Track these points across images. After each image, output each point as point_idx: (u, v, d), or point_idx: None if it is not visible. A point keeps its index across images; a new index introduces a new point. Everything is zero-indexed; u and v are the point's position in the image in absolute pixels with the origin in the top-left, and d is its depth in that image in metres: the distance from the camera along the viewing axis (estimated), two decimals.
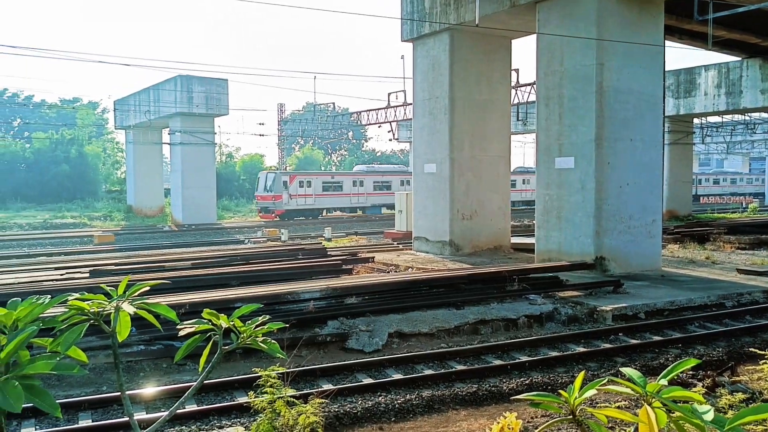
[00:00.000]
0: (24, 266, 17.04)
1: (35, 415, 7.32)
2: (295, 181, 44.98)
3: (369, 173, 50.14)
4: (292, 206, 44.16)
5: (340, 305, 11.83)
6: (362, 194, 48.48)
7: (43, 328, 2.38)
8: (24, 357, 2.19)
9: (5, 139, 67.84)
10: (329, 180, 47.81)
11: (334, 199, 47.19)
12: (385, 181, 50.08)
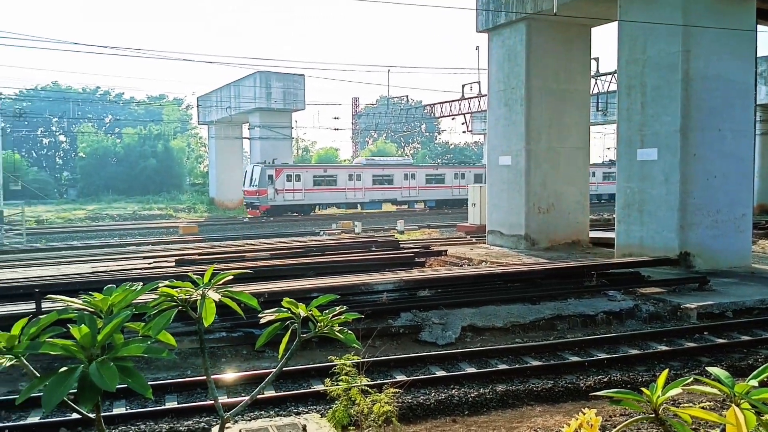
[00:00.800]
0: (116, 255, 18.05)
1: (126, 396, 7.76)
2: (282, 175, 42.29)
3: (367, 166, 47.19)
4: (279, 202, 41.69)
5: (413, 297, 11.87)
6: (359, 189, 45.35)
7: (136, 313, 2.53)
8: (118, 340, 2.33)
9: (98, 134, 71.84)
10: (321, 174, 44.87)
11: (327, 194, 44.33)
12: (386, 175, 46.95)
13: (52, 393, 2.02)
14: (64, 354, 2.21)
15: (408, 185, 47.13)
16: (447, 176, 49.12)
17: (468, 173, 49.72)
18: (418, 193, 48.04)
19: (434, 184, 48.44)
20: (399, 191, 46.88)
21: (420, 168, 50.09)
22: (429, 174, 48.98)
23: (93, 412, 2.45)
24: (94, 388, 2.11)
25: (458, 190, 48.53)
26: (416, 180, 47.74)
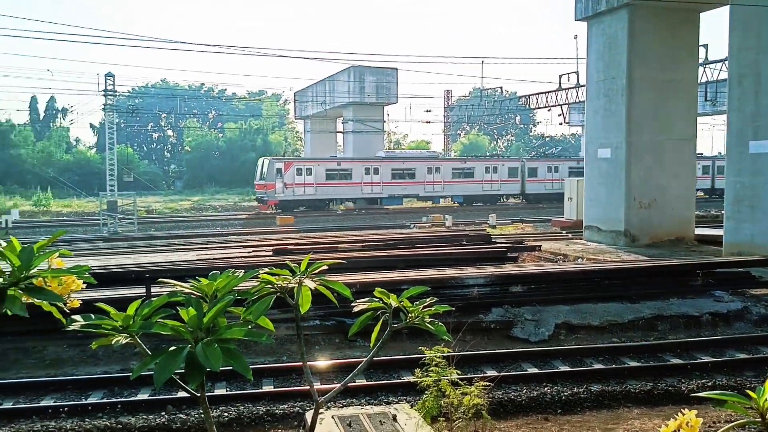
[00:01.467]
0: (218, 244, 18.96)
1: (226, 378, 8.16)
2: (292, 168, 40.19)
3: (387, 159, 43.96)
4: (288, 196, 39.67)
5: (505, 293, 11.70)
6: (377, 183, 42.41)
7: (237, 298, 2.66)
8: (222, 323, 2.46)
9: (202, 129, 75.56)
10: (335, 167, 42.17)
11: (341, 188, 41.77)
12: (407, 168, 43.80)
13: (162, 370, 2.17)
14: (173, 334, 2.36)
15: (432, 179, 44.12)
16: (477, 170, 45.69)
17: (501, 167, 46.44)
18: (443, 188, 44.68)
19: (462, 179, 45.12)
20: (422, 186, 44.00)
21: (446, 161, 47.22)
22: (456, 167, 45.86)
23: (198, 391, 2.61)
24: (199, 368, 2.24)
25: (489, 185, 45.70)
26: (441, 174, 44.54)
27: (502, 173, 46.01)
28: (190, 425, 6.89)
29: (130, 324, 2.39)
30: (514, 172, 46.35)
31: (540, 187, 47.00)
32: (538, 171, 47.11)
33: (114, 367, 8.97)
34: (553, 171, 47.09)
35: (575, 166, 47.49)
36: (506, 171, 46.17)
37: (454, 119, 65.40)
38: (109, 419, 7.00)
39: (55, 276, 2.16)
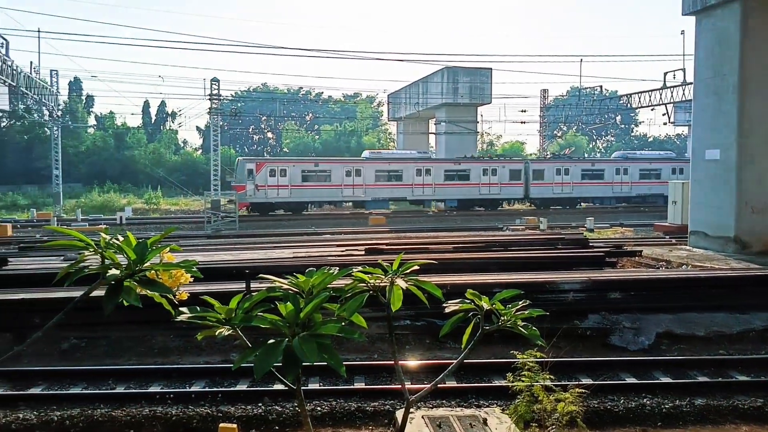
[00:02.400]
0: (313, 242, 19.46)
1: (319, 374, 8.37)
2: (264, 169, 38.31)
3: (371, 160, 41.46)
4: (260, 198, 38.01)
5: (603, 299, 11.29)
6: (359, 186, 40.11)
7: (332, 295, 2.74)
8: (317, 319, 2.55)
9: (299, 131, 77.87)
10: (311, 169, 40.19)
11: (318, 190, 39.74)
12: (393, 170, 41.28)
13: (262, 362, 2.28)
14: (272, 328, 2.47)
15: (421, 182, 41.42)
16: (473, 172, 42.61)
17: (501, 169, 43.09)
18: (434, 191, 41.96)
19: (456, 182, 42.18)
20: (410, 189, 41.35)
21: (437, 162, 43.85)
22: (449, 169, 42.55)
23: (294, 384, 2.71)
24: (296, 361, 2.34)
25: (488, 189, 42.54)
26: (432, 176, 41.73)
27: (503, 176, 42.92)
28: (285, 417, 7.13)
29: (232, 317, 2.52)
30: (517, 175, 43.13)
31: (547, 191, 43.90)
32: (545, 173, 43.80)
33: (215, 358, 9.44)
34: (563, 173, 43.88)
35: (589, 168, 44.79)
36: (507, 173, 43.10)
37: (550, 119, 63.73)
38: (210, 407, 7.37)
39: (166, 269, 2.32)
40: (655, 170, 45.22)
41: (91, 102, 74.09)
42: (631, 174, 44.57)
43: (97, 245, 2.26)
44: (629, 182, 44.56)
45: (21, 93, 38.17)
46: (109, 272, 2.25)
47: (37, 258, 15.51)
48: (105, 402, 7.55)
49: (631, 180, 44.53)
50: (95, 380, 8.46)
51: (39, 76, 40.21)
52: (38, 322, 9.83)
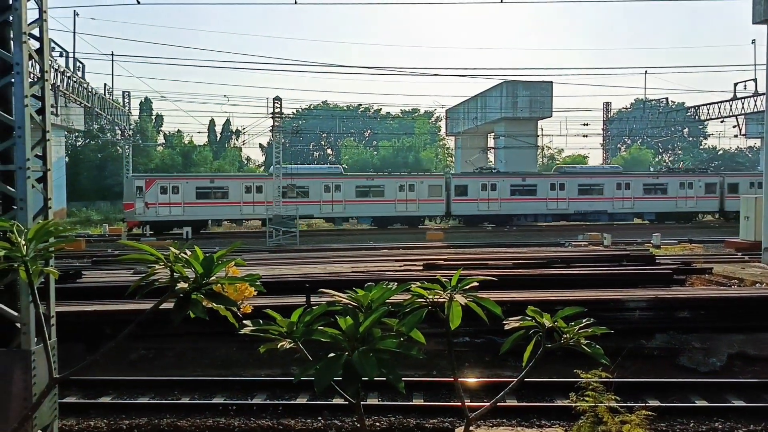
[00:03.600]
0: (371, 257, 19.57)
1: (378, 389, 8.38)
2: (154, 186, 36.88)
3: (276, 176, 38.91)
4: (150, 217, 36.33)
5: (671, 318, 10.88)
6: (260, 203, 37.75)
7: (390, 310, 2.75)
8: (376, 333, 2.57)
9: (358, 147, 78.72)
10: (207, 185, 38.54)
11: (216, 208, 38.18)
12: (301, 187, 39.13)
13: (323, 375, 2.31)
14: (331, 341, 2.51)
15: (330, 199, 39.62)
16: (387, 188, 40.17)
17: (420, 184, 40.49)
18: (344, 208, 39.79)
19: (371, 198, 39.94)
20: (318, 206, 39.60)
21: (351, 178, 41.53)
22: (362, 186, 40.25)
23: (354, 398, 2.73)
24: (355, 376, 2.36)
25: (405, 206, 40.14)
26: (342, 192, 39.69)
27: (421, 192, 40.38)
28: (345, 431, 7.17)
29: (293, 330, 2.57)
30: (438, 191, 40.66)
31: (472, 208, 41.25)
32: (469, 189, 41.10)
33: (276, 371, 9.59)
34: (490, 189, 41.16)
35: (520, 184, 41.38)
36: (426, 189, 40.49)
37: (613, 132, 62.21)
38: (271, 420, 7.49)
39: (231, 283, 2.39)
40: (597, 185, 42.40)
41: (160, 121, 77.12)
42: (568, 190, 41.61)
43: (166, 259, 2.35)
44: (566, 198, 41.54)
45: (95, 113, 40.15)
46: (177, 285, 2.33)
47: (109, 271, 16.19)
48: (171, 412, 7.78)
49: (568, 196, 41.51)
50: (162, 390, 8.74)
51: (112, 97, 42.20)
52: (109, 332, 10.25)
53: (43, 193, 5.19)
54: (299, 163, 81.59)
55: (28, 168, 4.92)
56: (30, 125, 4.99)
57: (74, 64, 33.84)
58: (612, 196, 41.67)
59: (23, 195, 4.90)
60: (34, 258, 2.42)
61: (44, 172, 5.24)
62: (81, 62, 34.97)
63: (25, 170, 4.90)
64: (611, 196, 41.66)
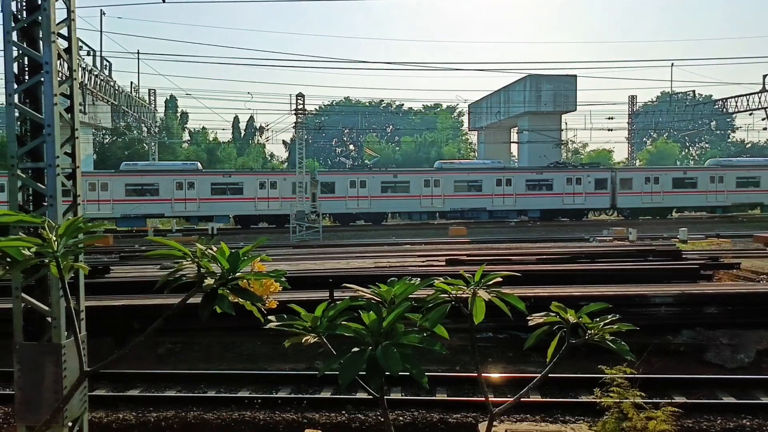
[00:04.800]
0: (394, 253, 19.60)
1: (401, 383, 8.40)
2: None
3: (121, 173, 36.35)
4: None
5: (697, 314, 10.73)
6: (106, 201, 35.76)
7: (414, 305, 2.77)
8: (399, 328, 2.58)
9: (380, 143, 78.73)
10: None
11: None
12: (147, 184, 36.92)
13: (347, 370, 2.34)
14: (355, 336, 2.53)
15: (184, 196, 37.27)
16: (245, 184, 38.22)
17: (282, 181, 38.75)
18: (199, 207, 37.51)
19: (228, 196, 38.03)
20: (169, 204, 37.32)
21: (205, 174, 39.28)
22: (218, 183, 37.91)
23: (377, 393, 2.75)
24: (379, 370, 2.38)
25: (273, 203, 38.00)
26: (197, 190, 37.19)
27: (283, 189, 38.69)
28: (368, 426, 7.21)
29: (317, 325, 2.60)
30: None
31: (339, 205, 39.71)
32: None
33: (300, 365, 9.67)
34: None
35: (390, 180, 39.97)
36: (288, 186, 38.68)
37: (639, 126, 61.35)
38: (295, 413, 7.56)
39: (257, 278, 2.42)
40: (475, 182, 40.61)
41: (186, 118, 77.97)
42: (443, 186, 39.90)
43: (193, 255, 2.39)
44: (441, 195, 39.84)
45: (122, 111, 40.72)
46: (205, 281, 2.37)
47: (136, 267, 16.45)
48: (197, 405, 7.90)
49: (443, 193, 39.86)
50: (189, 384, 8.87)
51: (138, 95, 42.75)
52: (137, 327, 10.42)
53: (72, 190, 5.29)
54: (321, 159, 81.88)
55: (57, 165, 5.02)
56: (59, 123, 5.10)
57: (101, 63, 34.38)
58: (492, 192, 40.13)
59: (53, 191, 5.00)
60: (64, 254, 2.48)
61: (73, 169, 5.34)
62: (108, 61, 35.53)
63: (55, 167, 5.01)
64: (491, 193, 40.14)
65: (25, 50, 5.10)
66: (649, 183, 40.94)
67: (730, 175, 41.61)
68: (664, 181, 41.02)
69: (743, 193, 41.48)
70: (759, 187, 41.33)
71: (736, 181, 41.40)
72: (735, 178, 41.55)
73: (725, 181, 41.34)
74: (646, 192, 40.87)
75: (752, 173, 42.15)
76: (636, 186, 40.90)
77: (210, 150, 70.21)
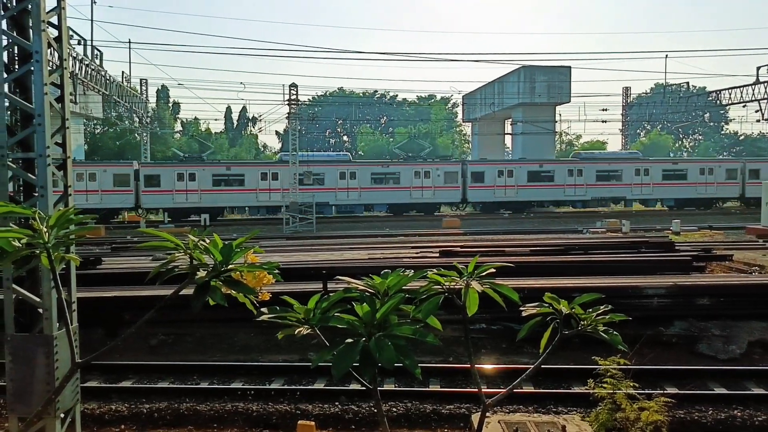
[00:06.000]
0: (387, 244, 19.59)
1: (395, 374, 8.42)
2: None
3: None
4: None
5: (689, 305, 10.78)
6: None
7: (407, 297, 2.76)
8: (393, 320, 2.57)
9: (374, 134, 78.58)
10: None
11: None
12: None
13: (340, 361, 2.33)
14: (348, 328, 2.52)
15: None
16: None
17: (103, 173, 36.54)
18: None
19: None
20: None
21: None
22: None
23: (371, 384, 2.75)
24: (372, 362, 2.37)
25: None
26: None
27: None
28: (361, 417, 7.22)
29: (310, 317, 2.59)
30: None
31: None
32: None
33: (294, 356, 9.67)
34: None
35: (223, 173, 38.29)
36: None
37: (633, 118, 61.46)
38: (289, 404, 7.56)
39: (250, 270, 2.41)
40: (319, 175, 39.38)
41: (177, 109, 77.53)
42: (281, 180, 38.15)
43: (186, 247, 2.37)
44: (279, 189, 38.10)
45: (113, 101, 40.44)
46: (197, 273, 2.36)
47: (128, 258, 16.38)
48: (190, 396, 7.89)
49: (281, 186, 37.81)
50: (181, 375, 8.86)
51: (130, 84, 42.45)
52: (128, 318, 10.39)
53: (63, 181, 5.25)
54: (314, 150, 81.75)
55: (48, 155, 4.98)
56: (50, 113, 5.04)
57: (92, 52, 34.08)
58: (335, 186, 39.42)
59: (44, 182, 4.96)
60: (55, 245, 2.46)
61: (64, 160, 5.30)
62: (99, 50, 35.23)
63: (46, 158, 4.96)
64: (334, 186, 39.42)
65: (14, 39, 5.04)
66: (502, 176, 40.40)
67: (590, 168, 41.23)
68: (519, 174, 40.50)
69: (604, 187, 41.27)
70: (621, 181, 41.15)
71: (596, 175, 41.01)
72: (595, 172, 41.18)
73: (584, 175, 41.04)
74: (500, 186, 40.43)
75: (614, 167, 41.91)
76: (488, 180, 40.34)
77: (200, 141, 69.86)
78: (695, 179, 41.96)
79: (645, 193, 41.97)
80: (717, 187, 42.24)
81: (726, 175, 42.21)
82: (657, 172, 42.08)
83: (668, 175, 42.10)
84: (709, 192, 42.47)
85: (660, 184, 41.77)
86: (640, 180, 41.61)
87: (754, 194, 40.15)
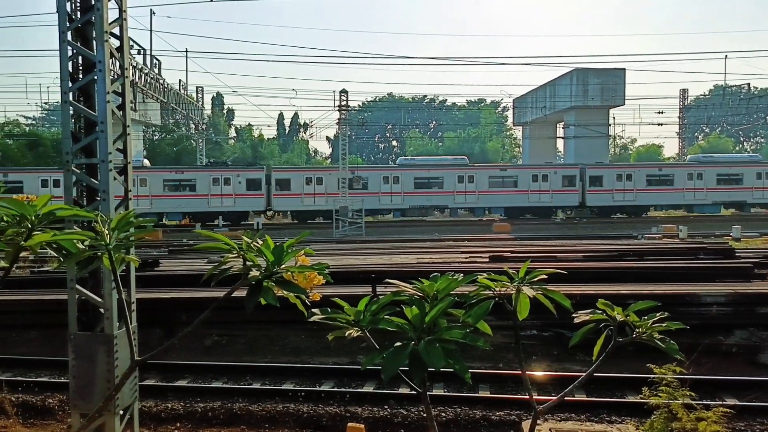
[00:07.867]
0: (437, 249, 19.53)
1: (443, 379, 8.38)
2: None
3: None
4: None
5: (751, 314, 10.36)
6: None
7: (457, 301, 2.75)
8: (442, 324, 2.57)
9: (423, 139, 78.55)
10: None
11: None
12: None
13: (390, 364, 2.34)
14: (397, 331, 2.53)
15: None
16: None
17: None
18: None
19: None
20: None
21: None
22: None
23: (420, 388, 2.75)
24: (422, 365, 2.37)
25: None
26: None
27: None
28: (410, 421, 7.22)
29: (360, 319, 2.61)
30: None
31: None
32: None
33: (343, 359, 9.75)
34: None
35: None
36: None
37: (690, 120, 59.53)
38: (338, 407, 7.62)
39: (301, 271, 2.45)
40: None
41: (232, 115, 79.26)
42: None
43: (239, 248, 2.43)
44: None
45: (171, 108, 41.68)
46: (250, 273, 2.41)
47: (184, 260, 16.84)
48: (243, 396, 8.05)
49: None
50: (234, 375, 9.04)
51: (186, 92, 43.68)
52: (184, 319, 10.67)
53: (123, 185, 5.45)
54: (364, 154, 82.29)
55: (110, 161, 5.18)
56: (111, 120, 5.25)
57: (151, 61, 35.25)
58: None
59: (105, 186, 5.16)
60: (116, 247, 2.55)
61: (125, 165, 5.50)
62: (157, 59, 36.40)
63: (108, 163, 5.16)
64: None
65: (79, 49, 5.27)
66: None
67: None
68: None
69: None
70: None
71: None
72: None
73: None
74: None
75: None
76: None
77: (253, 146, 71.21)
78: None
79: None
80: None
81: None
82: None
83: None
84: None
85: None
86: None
87: None
